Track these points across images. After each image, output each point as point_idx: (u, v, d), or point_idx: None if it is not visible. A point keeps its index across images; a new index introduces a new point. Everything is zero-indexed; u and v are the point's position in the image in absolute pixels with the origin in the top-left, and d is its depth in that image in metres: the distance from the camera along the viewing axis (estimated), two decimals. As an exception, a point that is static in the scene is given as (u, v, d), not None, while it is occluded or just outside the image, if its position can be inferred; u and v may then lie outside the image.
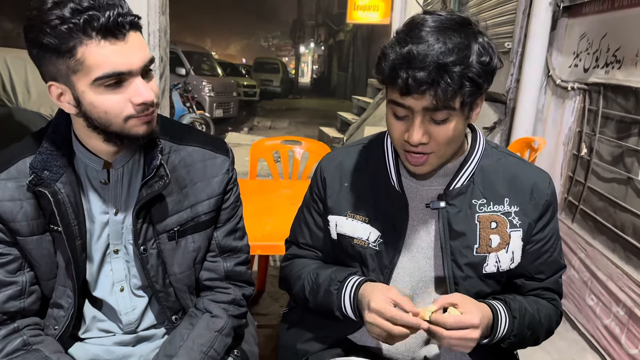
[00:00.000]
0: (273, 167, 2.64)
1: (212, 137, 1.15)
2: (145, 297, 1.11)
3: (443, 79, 0.84)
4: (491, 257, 1.04)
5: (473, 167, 1.04)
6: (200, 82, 9.80)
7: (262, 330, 2.23)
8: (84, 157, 1.00)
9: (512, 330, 0.99)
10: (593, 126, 2.66)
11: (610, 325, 2.21)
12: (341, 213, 1.11)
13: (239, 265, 1.16)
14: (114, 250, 1.06)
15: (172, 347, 1.05)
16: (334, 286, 1.04)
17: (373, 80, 10.06)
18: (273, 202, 2.05)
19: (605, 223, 2.44)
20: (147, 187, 1.00)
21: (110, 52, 0.85)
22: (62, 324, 1.05)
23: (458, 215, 1.03)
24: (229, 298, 1.13)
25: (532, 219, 1.04)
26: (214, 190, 1.08)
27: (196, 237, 1.08)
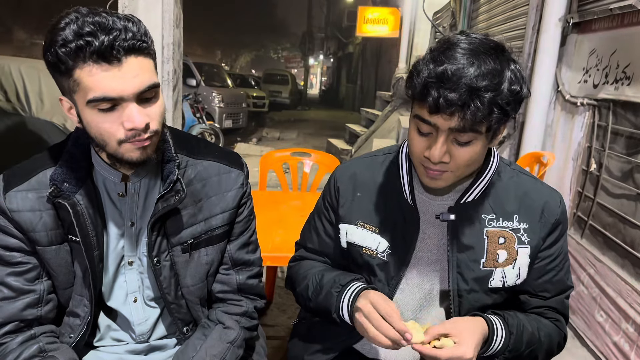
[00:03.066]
0: (282, 178, 2.66)
1: (227, 152, 1.17)
2: (157, 309, 1.13)
3: (474, 103, 0.85)
4: (497, 272, 1.04)
5: (485, 183, 1.05)
6: (210, 93, 9.89)
7: (270, 342, 2.24)
8: (103, 169, 1.03)
9: (507, 345, 0.98)
10: (602, 142, 2.66)
11: (620, 342, 2.19)
12: (352, 222, 1.12)
13: (251, 279, 1.17)
14: (128, 262, 1.08)
15: (185, 358, 1.06)
16: (336, 289, 1.05)
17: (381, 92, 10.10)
18: (282, 214, 2.06)
19: (615, 239, 2.43)
20: (164, 201, 1.02)
21: (102, 77, 0.86)
22: (78, 333, 1.07)
23: (467, 229, 1.04)
24: (241, 310, 1.14)
25: (541, 236, 1.05)
26: (228, 204, 1.09)
27: (209, 250, 1.10)
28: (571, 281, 1.11)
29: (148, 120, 0.92)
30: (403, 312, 1.11)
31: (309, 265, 1.19)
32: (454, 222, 1.04)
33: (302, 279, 1.16)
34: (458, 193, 1.06)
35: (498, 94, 0.85)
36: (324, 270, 1.16)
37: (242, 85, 14.79)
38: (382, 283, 1.10)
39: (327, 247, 1.20)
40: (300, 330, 1.28)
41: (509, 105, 0.87)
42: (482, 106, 0.85)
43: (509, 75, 0.87)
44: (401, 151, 1.12)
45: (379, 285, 1.10)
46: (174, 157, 1.04)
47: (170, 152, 1.04)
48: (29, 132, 4.19)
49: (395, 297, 1.11)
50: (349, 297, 1.02)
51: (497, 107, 0.86)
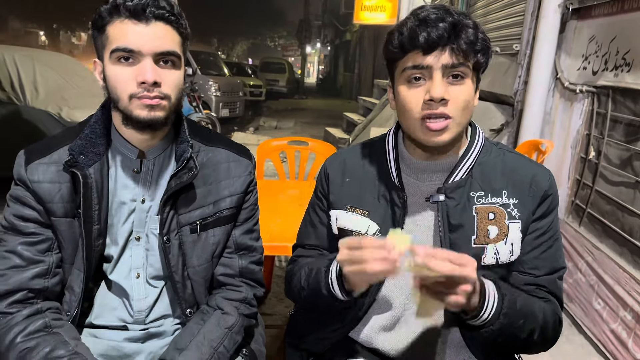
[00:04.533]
0: (279, 167, 2.65)
1: (237, 143, 1.23)
2: (158, 288, 1.14)
3: (462, 33, 0.94)
4: (489, 249, 1.04)
5: (472, 161, 1.06)
6: (206, 81, 9.83)
7: (268, 330, 2.20)
8: (121, 145, 1.09)
9: (501, 308, 0.92)
10: (601, 129, 2.65)
11: (617, 330, 2.20)
12: (342, 207, 1.14)
13: (252, 264, 1.21)
14: (135, 237, 1.11)
15: (183, 342, 1.08)
16: (325, 265, 1.06)
17: (379, 81, 10.06)
18: (280, 203, 2.05)
19: (613, 227, 2.43)
20: (177, 179, 1.07)
21: (129, 29, 0.98)
22: (73, 309, 1.08)
23: (456, 208, 1.05)
24: (241, 296, 1.17)
25: (530, 210, 1.05)
26: (236, 188, 1.16)
27: (217, 231, 1.15)
28: (563, 262, 1.09)
29: (159, 79, 0.99)
30: (395, 297, 1.11)
31: (305, 261, 1.19)
32: (443, 203, 1.05)
33: (295, 274, 1.16)
34: (445, 173, 1.07)
35: (477, 27, 0.96)
36: (316, 259, 1.16)
37: (239, 73, 14.71)
38: None
39: (324, 239, 1.20)
40: (297, 320, 1.28)
41: (485, 41, 0.97)
42: (469, 35, 0.94)
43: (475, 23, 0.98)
44: (388, 134, 1.15)
45: None
46: (187, 139, 1.10)
47: (185, 134, 1.11)
48: (23, 121, 4.17)
49: (386, 284, 1.11)
50: (336, 268, 1.02)
51: (480, 40, 0.96)
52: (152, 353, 1.13)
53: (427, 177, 1.08)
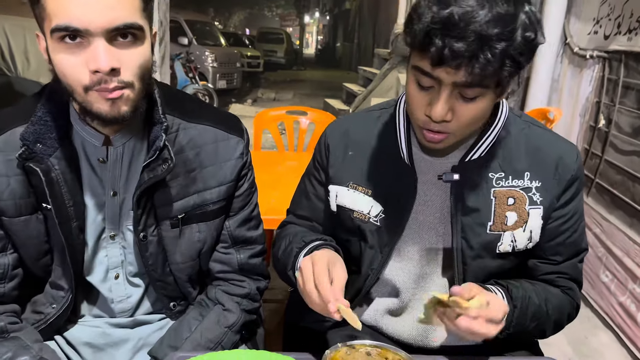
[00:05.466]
0: (278, 138, 2.55)
1: (226, 115, 1.05)
2: (141, 286, 1.04)
3: (483, 54, 0.73)
4: (506, 236, 0.95)
5: (493, 138, 0.94)
6: (203, 52, 9.61)
7: (268, 305, 2.19)
8: (82, 130, 0.90)
9: (511, 320, 0.90)
10: (612, 96, 2.55)
11: (626, 303, 2.14)
12: (342, 183, 1.03)
13: (253, 258, 1.08)
14: (110, 235, 0.98)
15: (178, 338, 0.99)
16: (298, 245, 0.98)
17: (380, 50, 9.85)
18: (278, 175, 1.98)
19: (623, 197, 2.35)
20: (149, 171, 0.90)
21: (69, 1, 0.74)
22: (61, 305, 0.99)
23: (472, 190, 0.95)
24: (244, 292, 1.06)
25: (555, 195, 0.95)
26: (225, 176, 0.99)
27: (202, 227, 1.00)
28: (586, 243, 1.02)
29: (117, 65, 0.78)
30: (402, 281, 1.03)
31: (292, 229, 1.10)
32: (457, 183, 0.94)
33: (279, 240, 1.08)
34: (462, 151, 0.96)
35: (511, 44, 0.74)
36: (302, 231, 1.08)
37: (236, 44, 14.40)
38: (374, 250, 1.01)
39: (317, 212, 1.11)
40: (298, 296, 1.20)
41: (522, 55, 0.76)
42: (492, 58, 0.73)
43: (524, 20, 0.75)
44: (398, 105, 1.01)
45: (371, 252, 1.02)
46: (161, 120, 0.91)
47: (158, 114, 0.91)
48: (15, 92, 4.05)
49: (389, 265, 1.03)
50: (304, 254, 0.94)
51: (509, 59, 0.75)
52: (141, 339, 1.05)
53: (440, 153, 0.97)
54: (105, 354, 1.03)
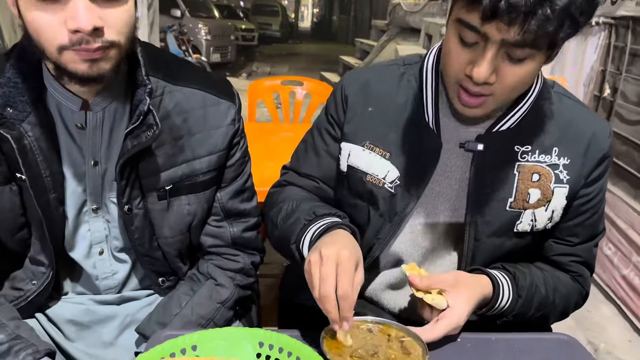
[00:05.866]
0: (273, 110, 2.47)
1: (215, 79, 0.98)
2: (128, 262, 0.98)
3: (542, 10, 0.66)
4: (526, 215, 0.90)
5: (526, 109, 0.87)
6: (196, 24, 9.39)
7: (264, 280, 2.11)
8: (57, 93, 0.83)
9: (512, 310, 0.89)
10: (618, 64, 2.48)
11: (629, 276, 2.11)
12: (358, 142, 0.95)
13: (247, 231, 1.02)
14: (92, 208, 0.91)
15: (167, 314, 0.94)
16: (308, 216, 0.88)
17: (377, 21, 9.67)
18: (273, 146, 1.91)
19: (628, 168, 2.30)
20: (133, 138, 0.83)
21: None
22: (42, 281, 0.93)
23: (495, 162, 0.89)
24: (237, 266, 1.01)
25: (583, 174, 0.89)
26: (216, 144, 0.92)
27: (192, 199, 0.94)
28: (604, 225, 0.97)
29: (100, 23, 0.71)
30: (408, 254, 0.97)
31: (294, 192, 1.01)
32: (480, 154, 0.88)
33: (279, 203, 0.98)
34: (491, 120, 0.89)
35: (573, 1, 0.67)
36: (306, 198, 0.98)
37: (230, 16, 14.08)
38: (384, 218, 0.95)
39: (328, 171, 1.01)
40: (292, 272, 1.16)
41: (582, 15, 0.69)
42: (552, 15, 0.67)
43: None
44: (426, 62, 0.92)
45: (379, 220, 0.95)
46: (144, 82, 0.84)
47: (142, 75, 0.84)
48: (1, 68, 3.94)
49: (398, 237, 0.96)
50: (315, 230, 0.84)
51: (568, 18, 0.68)
52: (128, 316, 1.00)
53: (468, 120, 0.89)
54: (90, 331, 0.98)
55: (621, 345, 1.93)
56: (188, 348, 0.74)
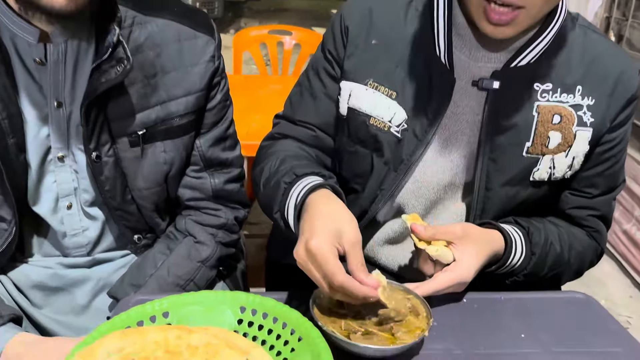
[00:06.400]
0: (260, 61, 2.35)
1: (192, 9, 0.90)
2: (99, 218, 0.90)
3: None
4: (544, 161, 0.83)
5: (548, 41, 0.79)
6: (180, -22, 9.04)
7: (254, 241, 2.10)
8: (10, 22, 0.73)
9: (524, 268, 0.82)
10: (624, 10, 2.38)
11: (631, 230, 2.06)
12: (360, 80, 0.85)
13: (230, 183, 0.95)
14: (58, 156, 0.83)
15: (141, 275, 0.87)
16: (288, 178, 0.78)
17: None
18: (260, 98, 1.83)
19: (635, 121, 2.20)
20: (100, 74, 0.75)
21: None
22: (4, 239, 0.84)
23: (512, 102, 0.80)
24: (219, 222, 0.94)
25: (608, 117, 0.82)
26: (193, 84, 0.85)
27: (169, 146, 0.87)
28: (624, 176, 0.91)
29: None
30: (412, 206, 0.89)
31: (283, 147, 0.91)
32: (496, 92, 0.80)
33: (262, 161, 0.88)
34: (509, 53, 0.79)
35: None
36: (292, 155, 0.87)
37: (217, -30, 13.61)
38: (389, 167, 0.86)
39: (327, 116, 0.90)
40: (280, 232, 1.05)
41: None
42: None
43: None
44: None
45: (384, 169, 0.86)
46: (112, 9, 0.76)
47: (108, 2, 0.76)
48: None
49: (405, 187, 0.87)
50: (300, 192, 0.73)
51: None
52: (102, 279, 0.92)
53: (482, 56, 0.81)
54: (58, 297, 0.91)
55: (622, 302, 1.89)
56: (158, 315, 0.65)
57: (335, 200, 0.71)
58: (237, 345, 0.60)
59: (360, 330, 0.66)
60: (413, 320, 0.68)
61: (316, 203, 0.70)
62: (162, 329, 0.60)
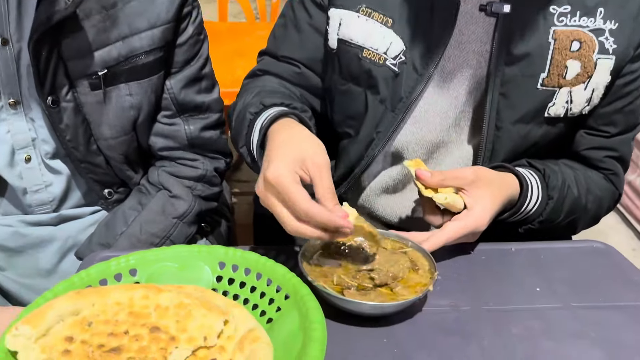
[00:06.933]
0: (246, 5, 2.20)
1: None
2: (64, 172, 0.83)
3: None
4: (561, 94, 0.74)
5: None
6: None
7: (246, 198, 2.01)
8: None
9: (539, 214, 0.76)
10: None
11: (635, 182, 1.99)
12: (351, 6, 0.76)
13: (207, 130, 0.87)
14: (9, 102, 0.76)
15: (110, 234, 0.81)
16: (254, 109, 0.72)
17: None
18: (246, 45, 1.72)
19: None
20: (49, 4, 0.68)
21: None
22: None
23: (525, 28, 0.72)
24: (197, 174, 0.86)
25: (632, 43, 0.73)
26: (158, 15, 0.76)
27: (134, 89, 0.79)
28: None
29: None
30: (412, 151, 0.81)
31: (264, 82, 0.82)
32: (507, 17, 0.71)
33: (240, 97, 0.81)
34: None
35: None
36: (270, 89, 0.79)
37: None
38: (385, 106, 0.77)
39: (312, 50, 0.82)
40: None
41: None
42: None
43: None
44: None
45: (380, 108, 0.77)
46: None
47: None
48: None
49: (404, 129, 0.79)
50: (263, 122, 0.67)
51: None
52: (70, 238, 0.85)
53: None
54: (22, 258, 0.84)
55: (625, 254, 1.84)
56: (125, 273, 0.57)
57: (298, 127, 0.65)
58: (214, 305, 0.52)
59: (354, 285, 0.58)
60: (412, 275, 0.61)
61: (278, 131, 0.64)
62: (127, 288, 0.53)
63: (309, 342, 0.46)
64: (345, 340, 0.55)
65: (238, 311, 0.53)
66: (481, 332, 0.57)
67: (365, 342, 0.55)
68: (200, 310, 0.51)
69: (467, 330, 0.57)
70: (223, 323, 0.50)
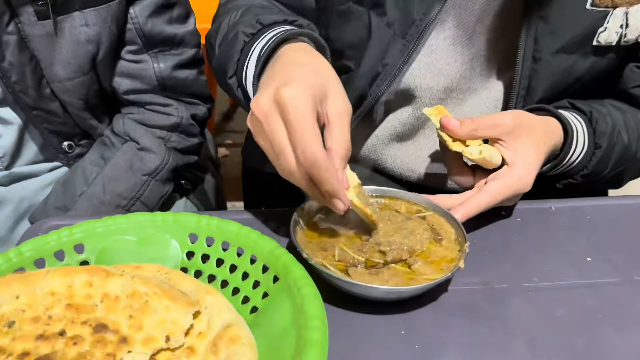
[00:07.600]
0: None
1: None
2: (15, 123, 0.72)
3: None
4: (615, 17, 0.62)
5: None
6: None
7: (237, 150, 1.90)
8: None
9: (584, 166, 0.65)
10: None
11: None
12: None
13: (181, 68, 0.76)
14: None
15: (69, 195, 0.72)
16: (250, 29, 0.59)
17: None
18: None
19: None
20: None
21: None
22: None
23: None
24: (170, 122, 0.76)
25: None
26: None
27: (91, 17, 0.68)
28: None
29: None
30: (425, 89, 0.68)
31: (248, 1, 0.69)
32: None
33: (220, 16, 0.67)
34: None
35: None
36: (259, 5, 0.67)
37: None
38: (393, 31, 0.64)
39: None
40: None
41: None
42: None
43: None
44: None
45: (387, 34, 0.64)
46: None
47: None
48: None
49: (417, 60, 0.66)
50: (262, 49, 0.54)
51: None
52: (25, 200, 0.75)
53: None
54: None
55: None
56: (68, 249, 0.45)
57: (317, 55, 0.52)
58: (180, 293, 0.40)
59: (360, 262, 0.46)
60: (434, 247, 0.48)
61: (291, 52, 0.52)
62: (63, 273, 0.40)
63: (305, 347, 0.34)
64: (351, 333, 0.43)
65: (212, 299, 0.41)
66: (523, 316, 0.45)
67: (378, 334, 0.43)
68: (162, 301, 0.39)
69: (506, 316, 0.45)
70: (192, 316, 0.39)
